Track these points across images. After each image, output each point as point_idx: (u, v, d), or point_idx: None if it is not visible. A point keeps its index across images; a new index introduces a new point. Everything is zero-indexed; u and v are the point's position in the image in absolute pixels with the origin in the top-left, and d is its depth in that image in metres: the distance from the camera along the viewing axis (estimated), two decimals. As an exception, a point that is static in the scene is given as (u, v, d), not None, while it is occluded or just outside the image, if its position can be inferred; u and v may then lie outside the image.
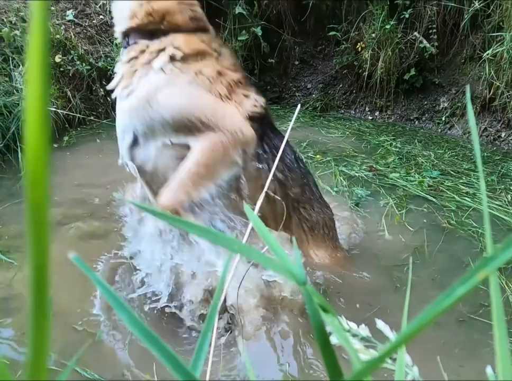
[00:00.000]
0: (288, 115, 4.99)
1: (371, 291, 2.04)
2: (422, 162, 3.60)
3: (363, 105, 5.24)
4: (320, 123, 4.76)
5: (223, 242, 0.33)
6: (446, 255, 2.36)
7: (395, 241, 2.50)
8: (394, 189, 3.12)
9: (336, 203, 2.66)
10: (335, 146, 3.98)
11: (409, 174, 3.34)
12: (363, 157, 3.71)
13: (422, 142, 4.21)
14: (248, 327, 1.66)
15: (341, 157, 3.67)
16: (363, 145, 4.03)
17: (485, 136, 4.33)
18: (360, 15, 4.90)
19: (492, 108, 4.31)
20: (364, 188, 3.11)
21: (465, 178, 3.31)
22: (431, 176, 3.30)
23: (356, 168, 3.43)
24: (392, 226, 2.64)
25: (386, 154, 3.81)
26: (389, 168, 3.46)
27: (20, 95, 3.50)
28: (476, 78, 4.46)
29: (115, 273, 1.99)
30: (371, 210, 2.83)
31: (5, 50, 4.03)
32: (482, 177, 0.40)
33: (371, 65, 4.85)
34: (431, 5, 4.62)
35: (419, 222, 2.69)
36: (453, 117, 4.67)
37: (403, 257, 2.32)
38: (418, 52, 4.75)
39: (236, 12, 4.96)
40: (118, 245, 2.09)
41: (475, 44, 4.54)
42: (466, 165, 3.57)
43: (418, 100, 4.99)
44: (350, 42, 5.04)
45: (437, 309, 0.23)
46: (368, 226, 2.62)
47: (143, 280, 1.85)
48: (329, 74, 5.37)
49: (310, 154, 3.71)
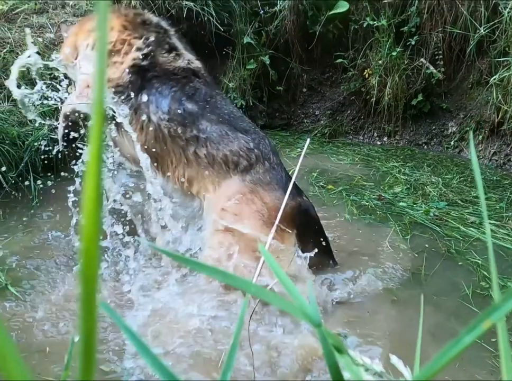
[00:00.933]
0: (296, 141, 5.04)
1: (381, 322, 2.03)
2: (430, 192, 3.61)
3: (371, 131, 5.27)
4: (329, 150, 4.79)
5: (240, 283, 0.34)
6: (442, 281, 2.39)
7: (396, 264, 2.52)
8: (401, 216, 3.16)
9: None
10: (344, 174, 4.03)
11: (415, 204, 3.37)
12: (372, 186, 3.76)
13: (432, 166, 4.21)
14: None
15: (351, 187, 3.72)
16: (371, 173, 4.06)
17: (494, 160, 4.33)
18: (367, 42, 4.97)
19: (501, 132, 4.32)
20: (372, 215, 3.17)
21: (471, 207, 3.30)
22: (438, 207, 3.30)
23: (366, 197, 3.48)
24: (395, 250, 2.67)
25: (394, 183, 3.83)
26: (397, 197, 3.50)
27: (32, 125, 3.57)
28: (483, 102, 4.49)
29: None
30: (376, 234, 2.88)
31: (19, 82, 4.12)
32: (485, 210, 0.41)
33: (378, 91, 4.90)
34: (436, 31, 4.69)
35: (421, 247, 2.75)
36: (462, 142, 4.69)
37: (405, 278, 2.37)
38: (425, 78, 4.79)
39: (245, 42, 5.06)
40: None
41: (482, 69, 4.58)
42: (474, 192, 3.57)
43: (426, 125, 5.01)
44: (357, 69, 5.10)
45: (445, 358, 0.25)
46: (371, 248, 2.67)
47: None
48: (337, 100, 5.43)
49: (322, 184, 3.76)
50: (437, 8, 4.63)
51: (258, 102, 5.38)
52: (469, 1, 4.49)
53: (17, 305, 2.00)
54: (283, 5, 5.09)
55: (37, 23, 4.76)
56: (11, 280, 2.16)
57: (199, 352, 1.74)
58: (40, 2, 5.06)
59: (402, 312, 2.10)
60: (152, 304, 1.98)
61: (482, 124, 4.47)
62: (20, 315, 1.94)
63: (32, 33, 4.57)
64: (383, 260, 2.55)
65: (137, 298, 2.02)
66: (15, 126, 3.62)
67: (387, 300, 2.20)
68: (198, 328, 1.83)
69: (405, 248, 2.72)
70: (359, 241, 2.78)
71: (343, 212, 3.17)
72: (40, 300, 2.03)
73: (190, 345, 1.76)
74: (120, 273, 2.24)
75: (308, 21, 5.21)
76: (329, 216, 3.03)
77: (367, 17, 4.86)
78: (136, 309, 1.96)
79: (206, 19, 5.00)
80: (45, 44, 4.53)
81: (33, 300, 2.03)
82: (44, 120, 2.87)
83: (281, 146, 4.73)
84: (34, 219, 2.82)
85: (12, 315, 1.93)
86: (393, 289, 2.29)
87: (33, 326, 1.86)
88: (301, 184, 3.29)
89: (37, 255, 2.40)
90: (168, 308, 1.96)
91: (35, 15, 4.91)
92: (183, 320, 1.87)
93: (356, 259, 2.54)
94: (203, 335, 1.81)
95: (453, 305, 2.18)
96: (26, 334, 1.81)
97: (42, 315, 1.92)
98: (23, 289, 2.12)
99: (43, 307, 1.97)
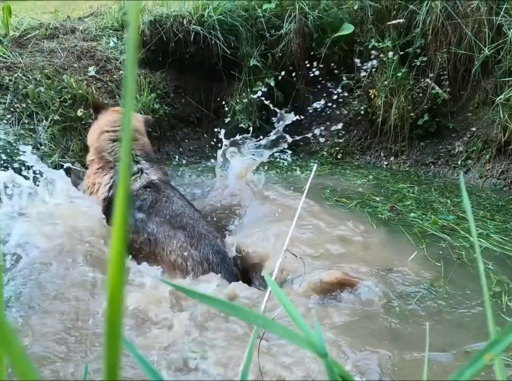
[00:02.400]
0: (304, 161, 5.07)
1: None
2: (438, 207, 3.69)
3: (378, 151, 5.28)
4: (338, 172, 4.84)
5: (248, 317, 0.35)
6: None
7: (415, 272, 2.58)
8: (411, 226, 3.29)
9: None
10: (355, 191, 4.13)
11: (425, 215, 3.49)
12: (383, 199, 3.87)
13: (438, 191, 4.22)
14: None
15: (363, 201, 3.82)
16: (382, 190, 4.16)
17: (502, 180, 4.32)
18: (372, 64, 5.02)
19: (508, 151, 4.32)
20: (385, 226, 3.32)
21: (480, 222, 3.38)
22: (447, 219, 3.38)
23: (379, 209, 3.60)
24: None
25: (404, 198, 3.95)
26: (407, 209, 3.65)
27: (43, 150, 3.62)
28: (490, 121, 4.50)
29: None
30: (388, 244, 3.00)
31: (30, 106, 4.20)
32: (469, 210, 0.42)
33: (384, 111, 4.93)
34: (441, 52, 4.73)
35: (436, 255, 2.84)
36: (469, 161, 4.68)
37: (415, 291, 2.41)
38: (431, 98, 4.82)
39: (251, 64, 5.13)
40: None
41: (487, 89, 4.60)
42: (482, 213, 3.63)
43: (433, 145, 5.02)
44: (363, 89, 5.14)
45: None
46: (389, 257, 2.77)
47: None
48: (343, 121, 5.46)
49: (335, 199, 3.83)
50: (442, 29, 4.68)
51: (265, 124, 5.42)
52: (474, 22, 4.53)
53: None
54: (289, 28, 5.16)
55: (47, 48, 4.86)
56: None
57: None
58: (51, 27, 5.17)
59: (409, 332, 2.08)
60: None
61: (489, 143, 4.47)
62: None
63: (42, 57, 4.67)
64: (403, 268, 2.61)
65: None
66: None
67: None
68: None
69: (421, 255, 2.80)
70: (377, 250, 2.85)
71: (359, 224, 3.21)
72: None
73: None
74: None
75: (314, 44, 5.28)
76: (347, 229, 3.07)
77: (372, 39, 4.91)
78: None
79: (213, 42, 5.08)
80: (55, 69, 4.61)
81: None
82: (56, 146, 2.96)
83: (289, 168, 4.78)
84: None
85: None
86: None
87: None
88: (316, 199, 3.52)
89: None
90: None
91: (46, 40, 5.02)
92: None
93: (376, 268, 2.59)
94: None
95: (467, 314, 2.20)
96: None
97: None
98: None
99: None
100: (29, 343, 1.84)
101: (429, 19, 4.71)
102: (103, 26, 5.51)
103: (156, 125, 5.04)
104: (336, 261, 2.64)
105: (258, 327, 0.35)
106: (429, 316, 2.22)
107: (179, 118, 5.45)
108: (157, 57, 5.30)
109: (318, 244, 2.80)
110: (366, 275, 2.49)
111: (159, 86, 5.21)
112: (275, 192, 3.57)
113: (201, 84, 5.54)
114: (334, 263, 2.60)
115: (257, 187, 3.57)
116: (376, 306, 2.28)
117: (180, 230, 2.60)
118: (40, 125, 4.09)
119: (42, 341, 1.87)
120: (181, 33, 5.04)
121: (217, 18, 5.05)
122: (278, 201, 3.42)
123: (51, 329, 1.93)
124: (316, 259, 2.65)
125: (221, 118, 5.49)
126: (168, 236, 2.57)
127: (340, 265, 2.56)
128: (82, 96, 4.49)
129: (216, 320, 2.02)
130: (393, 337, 2.06)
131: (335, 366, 0.34)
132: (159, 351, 1.83)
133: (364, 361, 1.86)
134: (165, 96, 5.27)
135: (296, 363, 1.77)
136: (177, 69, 5.41)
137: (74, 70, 4.74)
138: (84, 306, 2.07)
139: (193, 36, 5.04)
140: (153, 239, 2.59)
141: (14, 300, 2.09)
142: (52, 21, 5.36)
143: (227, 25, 5.14)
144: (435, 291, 2.41)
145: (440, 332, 2.11)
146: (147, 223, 2.63)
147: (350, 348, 1.91)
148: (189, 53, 5.19)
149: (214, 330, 1.96)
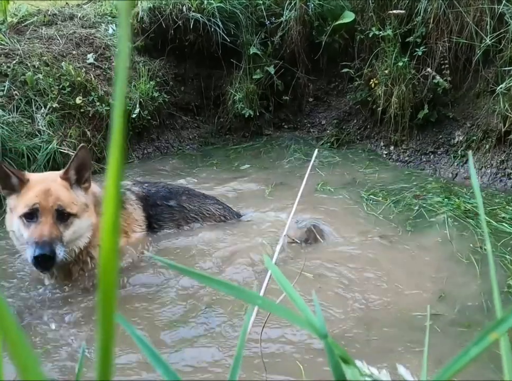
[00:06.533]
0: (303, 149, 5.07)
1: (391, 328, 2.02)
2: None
3: (378, 140, 5.27)
4: (344, 159, 4.86)
5: (247, 296, 0.35)
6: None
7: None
8: (435, 212, 3.44)
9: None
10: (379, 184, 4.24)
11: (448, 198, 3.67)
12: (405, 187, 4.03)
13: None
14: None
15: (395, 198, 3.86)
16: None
17: (502, 169, 4.31)
18: (373, 52, 4.99)
19: (508, 141, 4.30)
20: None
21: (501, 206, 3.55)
22: (469, 202, 3.53)
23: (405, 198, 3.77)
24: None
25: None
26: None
27: (42, 137, 3.61)
28: (490, 111, 4.47)
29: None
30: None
31: (28, 93, 4.17)
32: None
33: (384, 101, 4.90)
34: (442, 41, 4.69)
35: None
36: (469, 150, 4.67)
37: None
38: (431, 87, 4.79)
39: (251, 52, 5.09)
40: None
41: (488, 78, 4.57)
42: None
43: (433, 134, 4.99)
44: (364, 78, 5.11)
45: (453, 369, 0.25)
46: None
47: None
48: (343, 110, 5.44)
49: (372, 196, 3.87)
50: (443, 18, 4.64)
51: (265, 111, 5.41)
52: (475, 11, 4.50)
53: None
54: (289, 16, 5.12)
55: (46, 35, 4.82)
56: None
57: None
58: (49, 14, 5.13)
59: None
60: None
61: (489, 133, 4.46)
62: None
63: (41, 44, 4.63)
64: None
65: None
66: (24, 138, 3.66)
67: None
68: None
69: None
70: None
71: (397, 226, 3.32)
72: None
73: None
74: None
75: (314, 32, 5.24)
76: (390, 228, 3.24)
77: (373, 27, 4.88)
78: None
79: (212, 30, 5.04)
80: (53, 56, 4.58)
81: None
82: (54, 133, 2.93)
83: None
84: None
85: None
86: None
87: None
88: (354, 196, 3.79)
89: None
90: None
91: (44, 27, 4.98)
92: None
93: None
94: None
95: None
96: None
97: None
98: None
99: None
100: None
101: (430, 8, 4.67)
102: (102, 13, 5.46)
103: (156, 113, 5.02)
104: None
105: (258, 307, 0.34)
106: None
107: (178, 106, 5.43)
108: (156, 45, 5.26)
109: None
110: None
111: (158, 74, 5.18)
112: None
113: (200, 72, 5.51)
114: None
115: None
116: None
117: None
118: (39, 112, 4.07)
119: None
120: (180, 20, 4.99)
121: (216, 5, 5.01)
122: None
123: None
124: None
125: (221, 106, 5.47)
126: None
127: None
128: (80, 83, 4.46)
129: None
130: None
131: (335, 347, 0.34)
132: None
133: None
134: (164, 83, 5.24)
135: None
136: (177, 56, 5.38)
137: (73, 57, 4.71)
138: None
139: (193, 24, 4.99)
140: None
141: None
142: (50, 8, 5.31)
143: (227, 12, 5.09)
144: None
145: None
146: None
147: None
148: (188, 41, 5.15)
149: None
